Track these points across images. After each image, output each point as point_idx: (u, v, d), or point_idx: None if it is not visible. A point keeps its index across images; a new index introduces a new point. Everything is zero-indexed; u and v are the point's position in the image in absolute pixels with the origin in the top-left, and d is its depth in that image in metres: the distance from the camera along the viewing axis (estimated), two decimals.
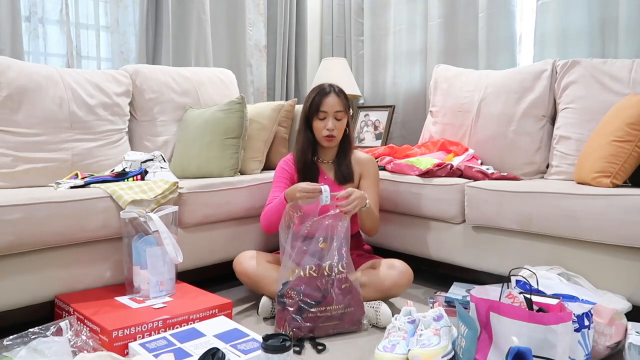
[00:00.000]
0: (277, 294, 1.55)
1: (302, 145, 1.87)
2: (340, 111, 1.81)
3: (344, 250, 1.58)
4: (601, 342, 1.32)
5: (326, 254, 1.57)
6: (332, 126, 1.80)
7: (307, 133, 1.86)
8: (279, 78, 3.26)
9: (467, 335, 1.27)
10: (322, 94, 1.82)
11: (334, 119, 1.81)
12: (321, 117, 1.81)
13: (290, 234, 1.60)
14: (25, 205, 1.44)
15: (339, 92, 1.85)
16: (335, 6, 3.52)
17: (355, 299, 1.56)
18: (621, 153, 1.63)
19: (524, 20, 2.65)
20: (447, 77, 2.52)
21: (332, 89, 1.84)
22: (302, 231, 1.61)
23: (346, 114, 1.84)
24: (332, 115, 1.81)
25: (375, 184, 1.90)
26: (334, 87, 1.85)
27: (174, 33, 2.73)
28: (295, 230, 1.61)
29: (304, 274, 1.54)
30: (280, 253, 1.64)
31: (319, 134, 1.84)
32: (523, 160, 2.15)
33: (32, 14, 2.34)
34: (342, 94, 1.85)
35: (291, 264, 1.56)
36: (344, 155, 1.90)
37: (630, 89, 1.91)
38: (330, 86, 1.85)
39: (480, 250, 1.84)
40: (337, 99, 1.82)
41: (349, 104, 1.87)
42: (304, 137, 1.87)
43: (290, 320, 1.49)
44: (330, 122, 1.80)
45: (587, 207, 1.54)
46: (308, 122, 1.86)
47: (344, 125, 1.84)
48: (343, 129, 1.85)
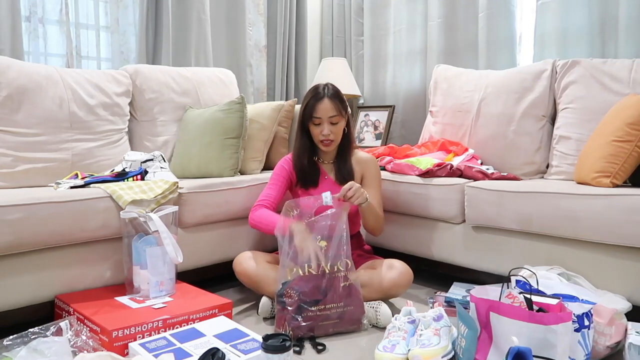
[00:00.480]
0: (277, 294, 1.55)
1: (298, 149, 1.86)
2: (335, 116, 1.78)
3: (343, 249, 1.58)
4: (601, 342, 1.32)
5: (326, 254, 1.57)
6: (328, 132, 1.78)
7: (303, 137, 1.85)
8: (279, 78, 3.26)
9: (467, 335, 1.27)
10: (315, 99, 1.79)
11: (329, 124, 1.79)
12: (316, 122, 1.79)
13: (287, 233, 1.60)
14: (25, 205, 1.44)
15: (332, 95, 1.80)
16: (335, 6, 3.52)
17: (355, 298, 1.56)
18: (621, 153, 1.63)
19: (524, 20, 2.65)
20: (447, 77, 2.52)
21: (325, 92, 1.80)
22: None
23: (342, 117, 1.81)
24: (327, 120, 1.78)
25: (377, 183, 1.90)
26: (328, 90, 1.81)
27: (174, 33, 2.73)
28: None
29: (302, 272, 1.54)
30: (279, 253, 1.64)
31: (315, 139, 1.83)
32: (523, 160, 2.15)
33: (32, 14, 2.34)
34: (336, 97, 1.80)
35: (289, 263, 1.56)
36: (344, 155, 1.89)
37: (630, 89, 1.91)
38: (325, 88, 1.81)
39: (480, 250, 1.84)
40: (330, 104, 1.78)
41: (344, 105, 1.83)
42: (300, 141, 1.86)
43: (290, 319, 1.49)
44: (325, 127, 1.78)
45: (587, 207, 1.54)
46: (304, 126, 1.84)
47: (340, 128, 1.82)
48: (340, 132, 1.83)
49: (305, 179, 1.86)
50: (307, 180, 1.86)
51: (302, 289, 1.51)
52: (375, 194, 1.86)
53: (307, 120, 1.81)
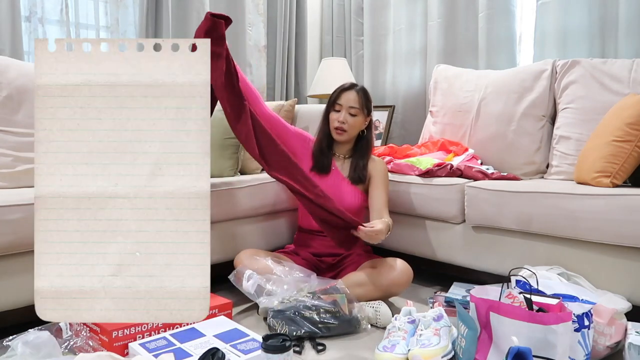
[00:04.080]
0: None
1: (318, 135, 1.96)
2: (355, 107, 1.85)
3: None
4: (601, 342, 1.32)
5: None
6: (343, 119, 1.85)
7: (324, 125, 1.93)
8: (279, 78, 3.26)
9: (467, 335, 1.27)
10: (343, 89, 1.89)
11: (347, 114, 1.85)
12: (336, 109, 1.88)
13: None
14: (25, 205, 1.44)
15: (360, 90, 1.89)
16: (335, 6, 3.52)
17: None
18: (621, 153, 1.63)
19: (524, 20, 2.65)
20: (447, 77, 2.52)
21: (354, 86, 1.90)
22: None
23: (362, 113, 1.88)
24: (346, 109, 1.86)
25: (384, 183, 1.91)
26: (356, 86, 1.91)
27: (174, 33, 2.73)
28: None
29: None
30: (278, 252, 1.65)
31: (331, 125, 1.90)
32: (523, 160, 2.15)
33: (32, 14, 2.34)
34: (363, 94, 1.89)
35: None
36: (361, 156, 1.93)
37: (630, 89, 1.92)
38: (354, 85, 1.91)
39: (480, 250, 1.84)
40: (355, 96, 1.86)
41: (369, 105, 1.91)
42: (321, 128, 1.95)
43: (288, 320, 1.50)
44: (342, 114, 1.85)
45: (587, 207, 1.54)
46: (327, 114, 1.92)
47: (357, 122, 1.88)
48: (356, 125, 1.88)
49: (317, 163, 1.93)
50: (318, 164, 1.92)
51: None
52: (382, 195, 1.87)
53: (329, 106, 1.90)
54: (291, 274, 1.64)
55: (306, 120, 2.59)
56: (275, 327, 1.51)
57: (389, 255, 1.87)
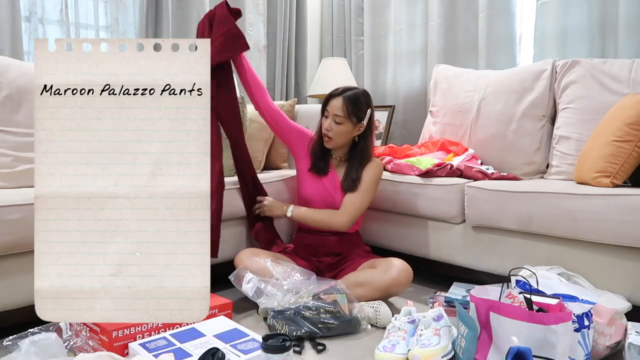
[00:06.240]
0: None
1: (317, 137, 1.95)
2: (339, 116, 1.81)
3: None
4: (601, 342, 1.32)
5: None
6: (328, 127, 1.85)
7: (320, 127, 1.93)
8: (279, 78, 3.26)
9: (467, 335, 1.27)
10: (331, 95, 1.87)
11: (332, 121, 1.84)
12: (325, 115, 1.88)
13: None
14: (25, 205, 1.44)
15: (347, 98, 1.82)
16: (335, 6, 3.52)
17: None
18: (621, 153, 1.63)
19: (524, 20, 2.65)
20: (447, 77, 2.52)
21: (344, 92, 1.84)
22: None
23: (348, 121, 1.82)
24: (332, 117, 1.84)
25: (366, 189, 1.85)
26: (346, 92, 1.84)
27: (174, 33, 2.73)
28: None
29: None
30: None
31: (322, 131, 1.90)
32: (523, 160, 2.15)
33: (32, 14, 2.34)
34: (349, 101, 1.81)
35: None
36: (356, 164, 1.88)
37: (630, 89, 1.92)
38: (346, 90, 1.85)
39: (480, 250, 1.84)
40: (340, 104, 1.82)
41: (357, 113, 1.82)
42: (318, 129, 1.94)
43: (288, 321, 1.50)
44: (327, 122, 1.85)
45: (587, 207, 1.54)
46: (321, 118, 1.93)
47: (342, 130, 1.83)
48: (342, 133, 1.84)
49: (315, 164, 1.93)
50: (315, 165, 1.93)
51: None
52: (353, 197, 1.84)
53: (322, 111, 1.90)
54: (291, 276, 1.64)
55: (306, 120, 2.59)
56: (275, 327, 1.51)
57: (389, 255, 1.87)
